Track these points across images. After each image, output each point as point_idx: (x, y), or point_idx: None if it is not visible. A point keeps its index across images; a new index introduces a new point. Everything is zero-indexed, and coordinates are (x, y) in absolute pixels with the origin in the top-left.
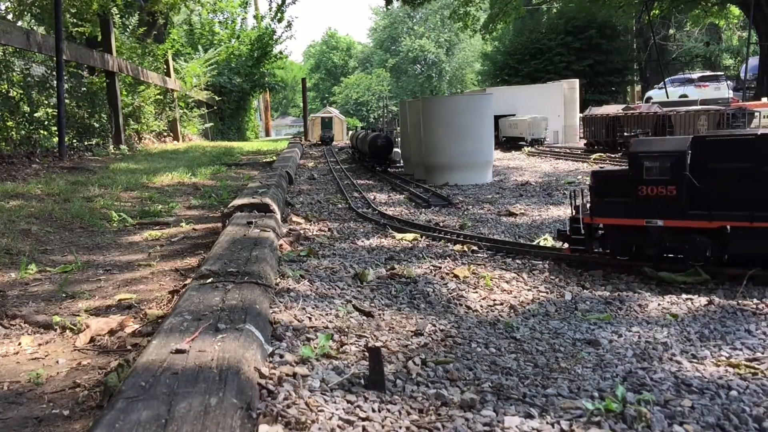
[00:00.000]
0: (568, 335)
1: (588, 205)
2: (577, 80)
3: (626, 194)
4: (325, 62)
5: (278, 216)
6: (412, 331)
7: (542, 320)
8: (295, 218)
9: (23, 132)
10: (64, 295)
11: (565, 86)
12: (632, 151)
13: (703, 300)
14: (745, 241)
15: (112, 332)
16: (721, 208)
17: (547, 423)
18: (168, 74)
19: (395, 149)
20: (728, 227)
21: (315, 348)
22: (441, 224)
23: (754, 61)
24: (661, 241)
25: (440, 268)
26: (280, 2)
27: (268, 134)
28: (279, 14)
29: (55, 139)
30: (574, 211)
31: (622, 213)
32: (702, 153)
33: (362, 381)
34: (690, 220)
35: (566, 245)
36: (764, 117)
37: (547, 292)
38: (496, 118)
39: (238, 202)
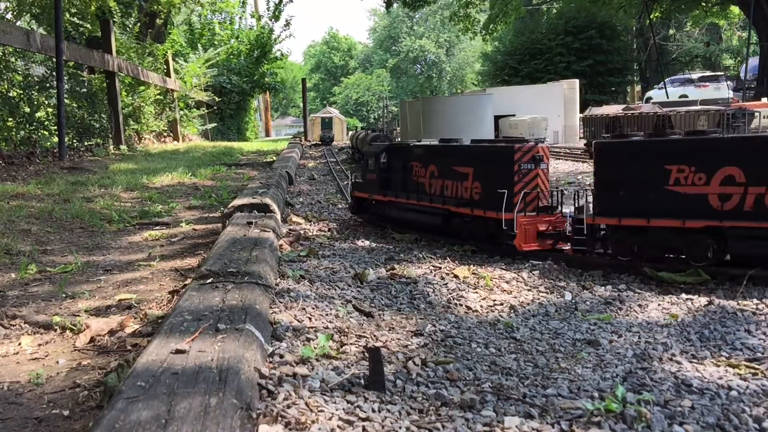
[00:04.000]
0: (568, 335)
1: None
2: (577, 80)
3: (365, 178)
4: (325, 63)
5: (278, 216)
6: (412, 332)
7: (542, 320)
8: (295, 218)
9: (23, 132)
10: (64, 295)
11: (565, 86)
12: (362, 151)
13: (703, 300)
14: (396, 210)
15: (112, 332)
16: (390, 189)
17: (547, 423)
18: (168, 74)
19: None
20: (391, 200)
21: (315, 348)
22: None
23: (754, 61)
24: (376, 208)
25: (440, 268)
26: (277, 1)
27: (268, 134)
28: (276, 13)
29: (55, 139)
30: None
31: (365, 190)
32: (389, 154)
33: (362, 381)
34: (381, 196)
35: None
36: (764, 117)
37: (547, 292)
38: (496, 118)
39: (238, 202)
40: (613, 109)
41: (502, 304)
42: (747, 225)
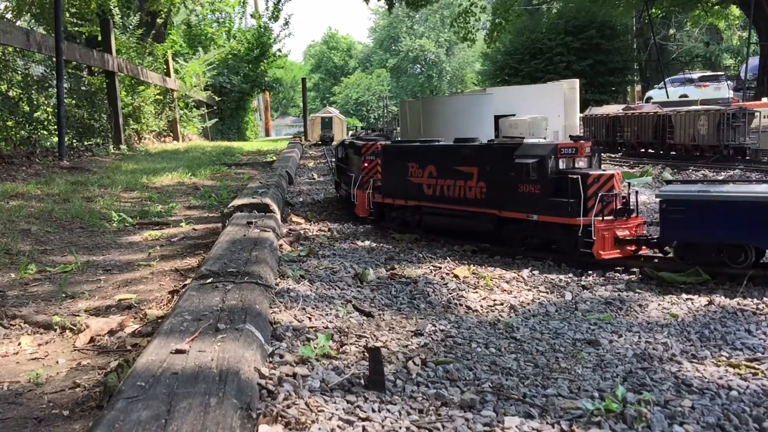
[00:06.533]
0: (569, 335)
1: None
2: (577, 80)
3: (336, 166)
4: (325, 62)
5: (278, 216)
6: (412, 331)
7: (542, 320)
8: (295, 218)
9: (23, 132)
10: (64, 295)
11: (565, 86)
12: (333, 146)
13: (704, 300)
14: (340, 188)
15: (112, 332)
16: (340, 173)
17: (547, 423)
18: (168, 74)
19: None
20: (340, 181)
21: (315, 348)
22: None
23: (754, 61)
24: (339, 188)
25: (440, 268)
26: (275, 1)
27: (268, 134)
28: (275, 12)
29: (55, 139)
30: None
31: (335, 175)
32: (342, 148)
33: (362, 381)
34: (338, 178)
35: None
36: (764, 117)
37: (547, 292)
38: (496, 118)
39: (238, 202)
40: (613, 109)
41: (502, 304)
42: (432, 205)
